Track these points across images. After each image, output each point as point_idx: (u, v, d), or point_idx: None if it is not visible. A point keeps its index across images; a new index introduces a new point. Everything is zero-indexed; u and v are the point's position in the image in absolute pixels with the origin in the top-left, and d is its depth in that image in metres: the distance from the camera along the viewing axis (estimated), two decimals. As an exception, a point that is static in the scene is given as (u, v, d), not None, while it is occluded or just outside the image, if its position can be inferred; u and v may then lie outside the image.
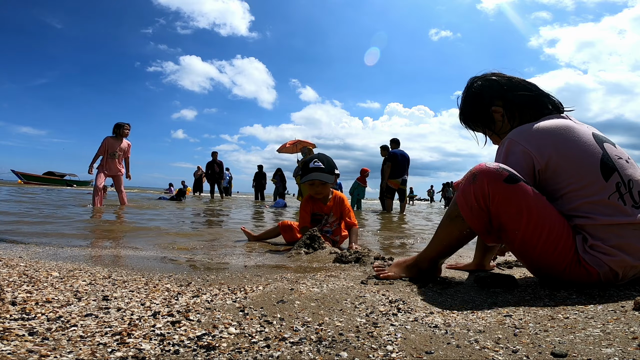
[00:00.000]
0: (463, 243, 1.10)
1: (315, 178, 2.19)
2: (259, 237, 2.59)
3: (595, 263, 0.95)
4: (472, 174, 1.00)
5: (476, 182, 0.98)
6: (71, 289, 0.94)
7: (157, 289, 0.99)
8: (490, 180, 0.96)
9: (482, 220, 1.00)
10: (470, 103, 1.25)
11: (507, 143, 1.07)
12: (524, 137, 1.05)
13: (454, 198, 1.08)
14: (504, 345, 0.63)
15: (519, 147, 1.04)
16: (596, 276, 0.96)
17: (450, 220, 1.07)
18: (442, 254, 1.15)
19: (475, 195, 0.98)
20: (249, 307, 0.84)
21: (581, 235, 0.97)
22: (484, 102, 1.21)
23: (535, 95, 1.16)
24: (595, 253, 0.95)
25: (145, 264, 1.44)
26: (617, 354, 0.57)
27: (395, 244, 2.70)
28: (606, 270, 0.94)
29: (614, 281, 0.97)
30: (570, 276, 0.99)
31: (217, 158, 12.25)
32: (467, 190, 1.00)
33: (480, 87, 1.23)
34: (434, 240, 1.14)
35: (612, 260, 0.93)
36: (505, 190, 0.95)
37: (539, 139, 1.03)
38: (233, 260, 1.71)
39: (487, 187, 0.96)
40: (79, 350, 0.58)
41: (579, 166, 0.99)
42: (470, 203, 0.99)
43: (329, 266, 1.55)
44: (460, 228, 1.05)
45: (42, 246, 1.82)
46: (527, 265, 1.08)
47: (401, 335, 0.68)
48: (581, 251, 0.96)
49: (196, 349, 0.61)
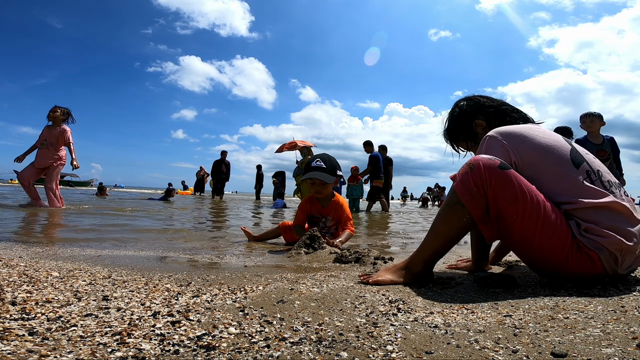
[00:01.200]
0: (461, 235, 1.10)
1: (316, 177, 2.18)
2: (259, 237, 2.59)
3: (594, 246, 0.97)
4: (468, 164, 1.07)
5: (473, 169, 1.04)
6: (71, 289, 0.94)
7: (157, 289, 0.99)
8: (486, 166, 1.03)
9: (481, 206, 1.03)
10: (456, 119, 1.44)
11: (487, 139, 1.17)
12: (500, 133, 1.16)
13: (451, 187, 1.10)
14: (504, 345, 0.63)
15: (497, 142, 1.14)
16: (599, 263, 0.97)
17: (449, 208, 1.09)
18: (438, 252, 1.13)
19: (474, 180, 1.03)
20: (249, 307, 0.84)
21: (573, 220, 1.02)
22: (468, 117, 1.40)
23: (509, 109, 1.36)
24: (591, 236, 0.98)
25: (145, 264, 1.44)
26: (617, 354, 0.57)
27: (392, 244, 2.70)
28: (606, 254, 0.96)
29: (615, 268, 0.98)
30: (574, 265, 0.99)
31: (225, 158, 11.90)
32: (466, 177, 1.05)
33: (464, 105, 1.42)
34: (429, 237, 1.13)
35: (609, 242, 0.96)
36: (500, 175, 1.02)
37: (515, 136, 1.14)
38: (233, 260, 1.71)
39: (484, 173, 1.02)
40: (79, 350, 0.58)
41: (553, 155, 1.09)
42: (470, 188, 1.03)
43: (329, 266, 1.55)
44: (459, 215, 1.06)
45: (42, 246, 1.82)
46: (529, 257, 1.09)
47: (401, 335, 0.68)
48: (578, 235, 0.99)
49: (196, 349, 0.61)
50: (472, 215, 1.04)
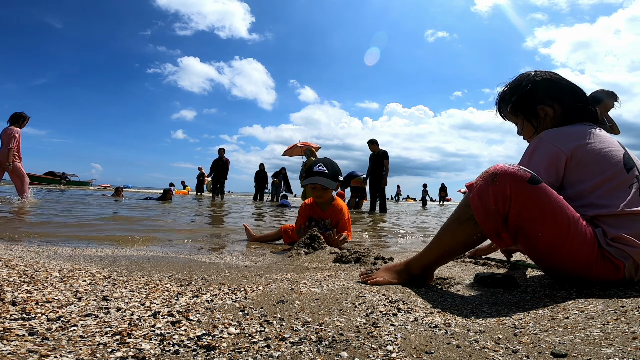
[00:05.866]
0: (468, 249, 1.05)
1: (317, 182, 2.19)
2: (260, 238, 2.59)
3: (621, 255, 0.94)
4: (490, 174, 0.95)
5: (496, 182, 0.93)
6: (71, 289, 0.94)
7: (157, 289, 0.99)
8: (513, 181, 0.92)
9: (496, 224, 0.94)
10: (522, 94, 1.22)
11: (536, 141, 1.11)
12: (552, 136, 1.09)
13: (464, 199, 1.01)
14: (504, 345, 0.63)
15: (547, 144, 1.08)
16: (623, 271, 0.96)
17: (459, 223, 1.00)
18: (439, 260, 1.09)
19: (495, 196, 0.93)
20: (249, 307, 0.84)
21: (599, 228, 0.97)
22: (534, 98, 1.20)
23: (584, 103, 1.18)
24: (619, 245, 0.95)
25: (145, 264, 1.44)
26: (617, 354, 0.57)
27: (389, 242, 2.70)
28: (630, 263, 0.95)
29: (634, 276, 0.97)
30: (597, 273, 0.97)
31: (223, 156, 11.15)
32: (485, 191, 0.94)
33: (535, 82, 1.21)
34: (434, 245, 1.08)
35: (636, 252, 0.94)
36: (529, 191, 0.92)
37: (568, 136, 1.08)
38: (233, 260, 1.71)
39: (509, 188, 0.92)
40: (79, 350, 0.58)
41: (604, 158, 1.03)
42: (487, 205, 0.94)
43: (329, 266, 1.55)
44: (470, 232, 0.99)
45: (42, 246, 1.82)
46: (553, 268, 1.04)
47: (401, 335, 0.68)
48: (604, 244, 0.96)
49: (196, 349, 0.61)
50: (485, 233, 0.97)
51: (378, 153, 7.87)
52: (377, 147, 7.87)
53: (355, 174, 8.48)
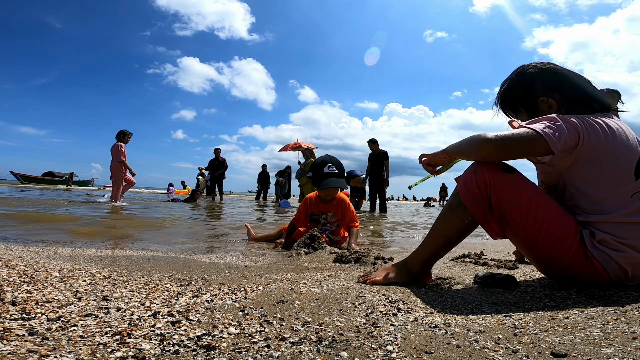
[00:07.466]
0: (461, 237, 1.09)
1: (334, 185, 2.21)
2: (260, 238, 2.59)
3: (603, 258, 0.95)
4: (471, 166, 1.07)
5: (477, 172, 1.03)
6: (71, 289, 0.94)
7: (157, 289, 0.99)
8: (490, 169, 1.02)
9: (483, 208, 1.03)
10: (520, 86, 1.20)
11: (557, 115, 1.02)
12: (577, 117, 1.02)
13: (454, 189, 1.10)
14: (504, 345, 0.63)
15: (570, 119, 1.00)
16: (606, 274, 0.96)
17: (451, 210, 1.07)
18: (438, 252, 1.11)
19: (477, 183, 1.02)
20: (249, 307, 0.84)
21: (588, 230, 0.98)
22: (534, 90, 1.16)
23: (589, 91, 1.12)
24: (604, 248, 0.95)
25: (145, 264, 1.44)
26: (617, 354, 0.57)
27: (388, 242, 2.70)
28: (614, 266, 0.94)
29: (624, 280, 0.97)
30: (579, 272, 0.98)
31: (219, 155, 10.80)
32: (469, 179, 1.04)
33: (533, 75, 1.17)
34: (429, 237, 1.11)
35: (621, 257, 0.94)
36: (504, 179, 1.01)
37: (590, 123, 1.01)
38: (233, 260, 1.71)
39: (487, 175, 1.01)
40: (79, 350, 0.58)
41: (616, 161, 0.99)
42: (472, 190, 1.03)
43: (329, 266, 1.55)
44: (461, 217, 1.05)
45: (42, 246, 1.82)
46: (533, 258, 1.08)
47: (401, 335, 0.68)
48: (589, 245, 0.96)
49: (196, 349, 0.61)
50: (474, 217, 1.03)
51: (378, 153, 7.86)
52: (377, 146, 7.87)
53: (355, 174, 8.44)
